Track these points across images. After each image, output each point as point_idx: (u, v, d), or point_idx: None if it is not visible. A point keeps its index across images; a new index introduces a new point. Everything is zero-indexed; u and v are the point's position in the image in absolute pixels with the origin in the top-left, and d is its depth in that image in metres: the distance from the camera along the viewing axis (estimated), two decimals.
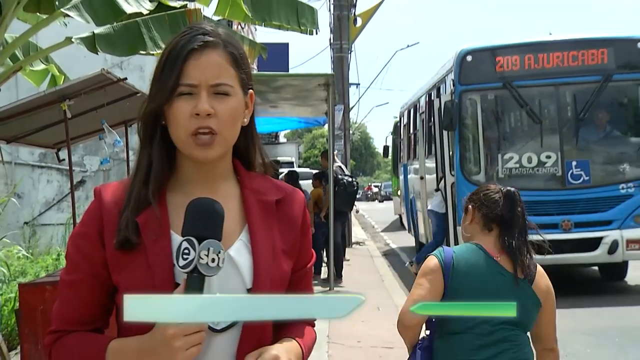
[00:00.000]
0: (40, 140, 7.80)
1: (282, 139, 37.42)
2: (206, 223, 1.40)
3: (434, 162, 11.68)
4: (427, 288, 2.78)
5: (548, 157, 9.65)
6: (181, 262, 1.37)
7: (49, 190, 13.68)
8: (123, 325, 1.51)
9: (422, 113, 13.63)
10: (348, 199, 11.68)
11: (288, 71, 20.74)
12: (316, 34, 7.42)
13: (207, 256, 1.37)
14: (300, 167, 27.54)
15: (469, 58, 9.86)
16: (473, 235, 2.94)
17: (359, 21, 19.28)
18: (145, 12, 5.65)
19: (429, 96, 12.61)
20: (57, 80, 7.39)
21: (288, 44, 21.64)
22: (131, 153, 8.35)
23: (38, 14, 6.48)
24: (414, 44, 34.99)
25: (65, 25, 6.93)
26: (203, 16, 6.26)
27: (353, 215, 16.16)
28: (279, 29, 7.14)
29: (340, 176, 11.56)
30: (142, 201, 1.51)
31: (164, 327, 1.35)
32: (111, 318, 1.59)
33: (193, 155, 1.52)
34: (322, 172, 11.95)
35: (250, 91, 1.59)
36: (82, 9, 5.32)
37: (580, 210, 9.35)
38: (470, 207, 2.95)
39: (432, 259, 2.85)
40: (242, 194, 1.60)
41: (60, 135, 6.91)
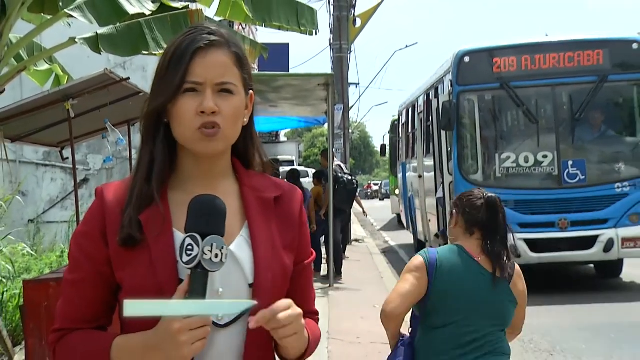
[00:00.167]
0: (44, 139, 7.79)
1: (283, 138, 37.43)
2: (209, 220, 1.40)
3: (432, 161, 11.69)
4: (413, 283, 2.94)
5: (545, 157, 9.64)
6: (185, 258, 1.37)
7: (53, 188, 13.68)
8: (126, 322, 1.50)
9: (421, 113, 13.63)
10: (347, 197, 11.67)
11: (288, 71, 20.72)
12: (316, 35, 7.42)
13: (211, 252, 1.37)
14: (299, 166, 27.52)
15: (467, 59, 9.86)
16: (457, 237, 3.07)
17: (359, 22, 19.26)
18: (147, 13, 5.64)
19: (428, 96, 12.60)
20: (61, 80, 7.39)
21: (288, 45, 21.64)
22: (134, 152, 8.35)
23: (42, 15, 6.47)
24: (413, 45, 34.88)
25: (69, 25, 6.92)
26: (205, 17, 6.26)
27: (354, 214, 16.13)
28: (279, 30, 7.13)
29: (339, 174, 11.55)
30: (145, 198, 1.51)
31: (170, 322, 1.35)
32: (114, 315, 1.58)
33: (197, 149, 1.52)
34: (322, 171, 11.94)
35: (250, 92, 1.60)
36: (86, 10, 5.32)
37: (576, 209, 9.35)
38: (454, 212, 3.09)
39: (418, 258, 3.00)
40: (241, 191, 1.60)
41: (64, 134, 6.91)
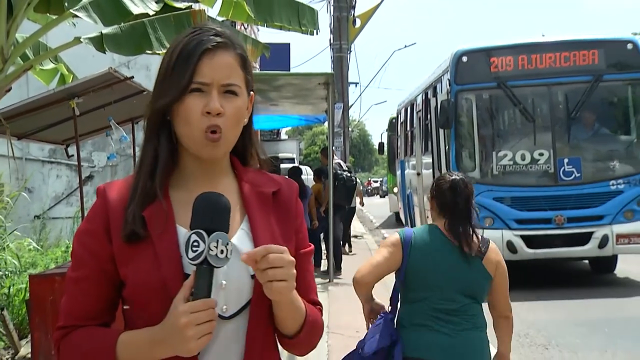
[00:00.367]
0: (49, 136, 7.79)
1: (284, 136, 37.36)
2: (214, 216, 1.41)
3: (431, 159, 11.68)
4: (385, 256, 3.14)
5: (541, 155, 9.64)
6: (191, 254, 1.37)
7: (59, 184, 13.68)
8: (131, 318, 1.51)
9: (419, 111, 13.62)
10: (347, 194, 11.68)
11: (289, 70, 20.67)
12: (317, 35, 7.41)
13: (217, 248, 1.37)
14: (299, 164, 27.48)
15: (465, 59, 9.86)
16: (433, 219, 3.29)
17: (358, 22, 19.27)
18: (151, 13, 5.63)
19: (426, 95, 12.59)
20: (66, 79, 7.37)
21: (289, 44, 21.56)
22: (137, 149, 8.34)
23: (48, 15, 6.46)
24: (411, 45, 35.02)
25: (74, 25, 6.91)
26: (207, 17, 6.25)
27: (359, 208, 16.13)
28: (281, 30, 7.11)
29: (338, 172, 11.55)
30: (148, 195, 1.51)
31: (177, 317, 1.36)
32: (117, 312, 1.58)
33: (201, 153, 1.52)
34: (322, 168, 11.93)
35: (251, 93, 1.60)
36: (91, 10, 5.31)
37: (572, 205, 9.35)
38: (430, 196, 3.31)
39: (395, 235, 3.21)
40: (240, 187, 1.60)
41: (69, 131, 6.92)
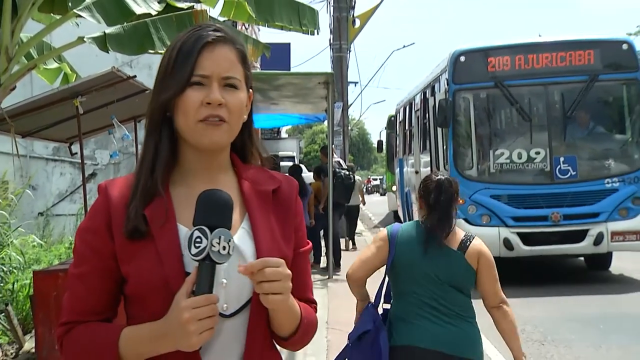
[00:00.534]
0: (53, 134, 7.79)
1: (284, 135, 37.29)
2: (216, 213, 1.40)
3: (429, 157, 11.68)
4: (374, 252, 3.32)
5: (537, 153, 9.65)
6: (193, 250, 1.37)
7: (62, 182, 13.69)
8: (133, 314, 1.50)
9: (418, 110, 13.62)
10: (345, 192, 11.68)
11: (289, 70, 20.66)
12: (317, 35, 7.40)
13: (219, 244, 1.37)
14: (300, 162, 27.47)
15: (462, 58, 9.86)
16: (422, 216, 3.40)
17: (357, 22, 19.25)
18: (153, 13, 5.63)
19: (424, 94, 12.59)
20: (69, 78, 7.37)
21: (290, 44, 21.52)
22: (140, 147, 8.35)
23: (52, 15, 6.46)
24: (410, 45, 34.93)
25: (77, 25, 6.90)
26: (209, 17, 6.24)
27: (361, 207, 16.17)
28: (282, 30, 7.11)
29: (337, 170, 11.55)
30: (149, 191, 1.50)
31: (179, 312, 1.35)
32: (119, 308, 1.57)
33: (201, 141, 1.51)
34: (321, 166, 11.94)
35: (250, 90, 1.60)
36: (94, 10, 5.30)
37: (568, 203, 9.36)
38: (418, 195, 3.44)
39: (383, 231, 3.37)
40: (240, 185, 1.59)
41: (72, 130, 6.91)
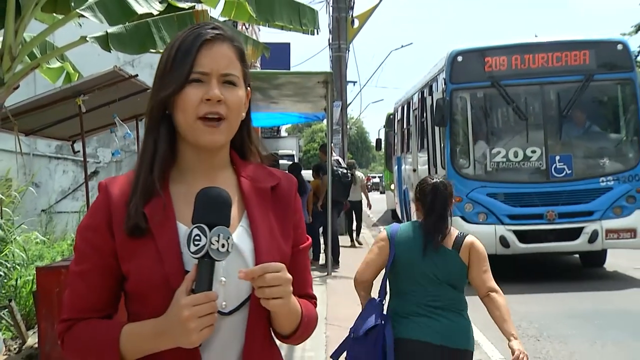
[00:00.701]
0: (56, 133, 7.80)
1: (284, 133, 37.27)
2: (215, 211, 1.40)
3: (426, 156, 11.68)
4: (377, 253, 3.43)
5: (533, 152, 9.65)
6: (192, 248, 1.36)
7: (65, 180, 13.68)
8: (133, 311, 1.50)
9: (416, 109, 13.62)
10: (343, 190, 11.69)
11: (289, 69, 20.64)
12: (317, 34, 7.40)
13: (218, 242, 1.36)
14: (300, 161, 27.48)
15: (460, 58, 9.86)
16: (418, 218, 3.51)
17: (356, 22, 19.23)
18: (155, 13, 5.62)
19: (422, 94, 12.59)
20: (72, 77, 7.36)
21: (289, 44, 21.49)
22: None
23: (54, 15, 6.45)
24: (408, 45, 34.89)
25: (80, 25, 6.90)
26: (210, 17, 6.24)
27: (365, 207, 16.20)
28: (282, 30, 7.10)
29: (335, 168, 11.55)
30: (149, 189, 1.49)
31: (179, 310, 1.35)
32: (119, 304, 1.56)
33: (200, 140, 1.50)
34: (320, 165, 11.93)
35: (248, 87, 1.59)
36: (96, 10, 5.30)
37: (563, 201, 9.36)
38: (415, 198, 3.54)
39: (383, 232, 3.47)
40: (239, 182, 1.58)
41: (75, 128, 6.92)
